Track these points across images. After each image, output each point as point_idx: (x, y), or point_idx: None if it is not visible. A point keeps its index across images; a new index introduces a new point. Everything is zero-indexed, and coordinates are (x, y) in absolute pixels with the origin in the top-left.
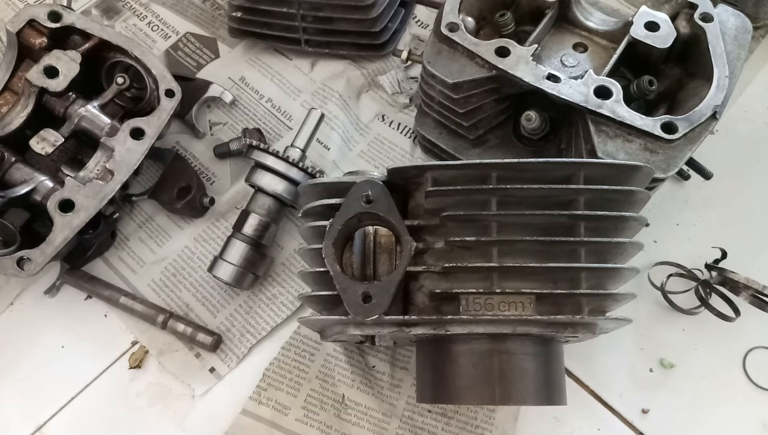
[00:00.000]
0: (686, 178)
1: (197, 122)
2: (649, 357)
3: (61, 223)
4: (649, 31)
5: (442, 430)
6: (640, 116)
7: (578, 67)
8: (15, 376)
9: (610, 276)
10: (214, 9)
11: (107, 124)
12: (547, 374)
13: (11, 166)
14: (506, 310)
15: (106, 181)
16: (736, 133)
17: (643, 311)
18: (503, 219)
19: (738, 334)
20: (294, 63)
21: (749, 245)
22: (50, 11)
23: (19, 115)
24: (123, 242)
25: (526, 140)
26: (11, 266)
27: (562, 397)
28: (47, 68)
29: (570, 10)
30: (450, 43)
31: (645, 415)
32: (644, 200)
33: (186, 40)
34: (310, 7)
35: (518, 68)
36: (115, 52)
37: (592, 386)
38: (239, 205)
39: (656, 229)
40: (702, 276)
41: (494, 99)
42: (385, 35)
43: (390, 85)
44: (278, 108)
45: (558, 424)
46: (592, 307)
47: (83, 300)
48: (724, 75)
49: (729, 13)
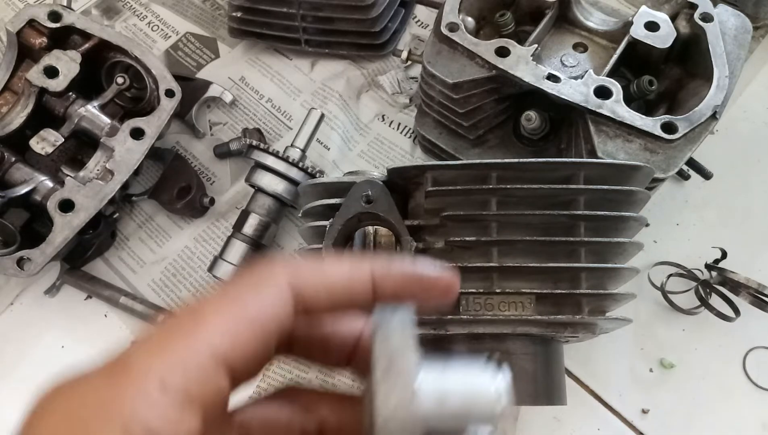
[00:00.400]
0: (686, 178)
1: (197, 122)
2: (649, 357)
3: (61, 223)
4: (649, 31)
5: None
6: (640, 116)
7: (578, 67)
8: (15, 376)
9: (610, 276)
10: (214, 9)
11: (107, 124)
12: (547, 374)
13: (11, 166)
14: (506, 310)
15: (106, 181)
16: (736, 133)
17: (643, 311)
18: (503, 219)
19: (738, 334)
20: (294, 63)
21: (749, 245)
22: (50, 11)
23: (19, 115)
24: (123, 242)
25: (526, 140)
26: (11, 266)
27: (562, 397)
28: (47, 68)
29: (570, 10)
30: (450, 43)
31: (645, 415)
32: (644, 200)
33: (186, 40)
34: (310, 7)
35: (518, 68)
36: (115, 52)
37: (592, 386)
38: (239, 205)
39: (656, 229)
40: (702, 276)
41: (494, 99)
42: (385, 35)
43: (390, 85)
44: (278, 108)
45: (558, 424)
46: (592, 307)
47: (83, 300)
48: (724, 75)
49: (729, 13)
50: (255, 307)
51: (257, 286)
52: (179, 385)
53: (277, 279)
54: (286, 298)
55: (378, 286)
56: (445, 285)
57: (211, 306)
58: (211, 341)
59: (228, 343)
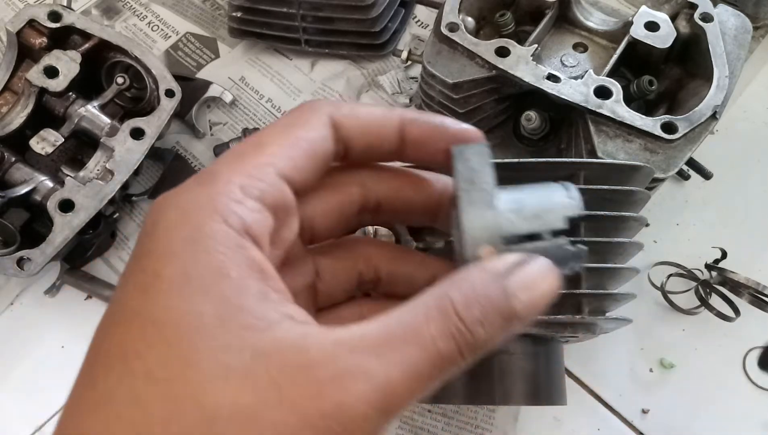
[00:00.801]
0: (686, 178)
1: (197, 122)
2: (649, 357)
3: (61, 223)
4: (649, 31)
5: (442, 430)
6: (640, 116)
7: (578, 67)
8: (15, 376)
9: (610, 276)
10: (214, 9)
11: (107, 124)
12: (547, 374)
13: (11, 166)
14: None
15: (106, 181)
16: (736, 133)
17: (643, 311)
18: None
19: (738, 334)
20: (294, 63)
21: (749, 245)
22: (50, 11)
23: (19, 115)
24: (123, 242)
25: (526, 140)
26: (11, 266)
27: (562, 397)
28: (47, 68)
29: (570, 10)
30: (450, 43)
31: (645, 415)
32: (644, 200)
33: (186, 40)
34: (310, 7)
35: (518, 68)
36: (115, 52)
37: (592, 386)
38: None
39: (656, 229)
40: (702, 276)
41: (494, 99)
42: (385, 35)
43: (390, 85)
44: (278, 108)
45: (558, 424)
46: (592, 307)
47: (83, 300)
48: (724, 75)
49: (729, 13)
50: (303, 134)
51: (303, 117)
52: (256, 191)
53: (320, 112)
54: (327, 126)
55: (406, 131)
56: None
57: (269, 137)
58: (273, 162)
59: (287, 162)
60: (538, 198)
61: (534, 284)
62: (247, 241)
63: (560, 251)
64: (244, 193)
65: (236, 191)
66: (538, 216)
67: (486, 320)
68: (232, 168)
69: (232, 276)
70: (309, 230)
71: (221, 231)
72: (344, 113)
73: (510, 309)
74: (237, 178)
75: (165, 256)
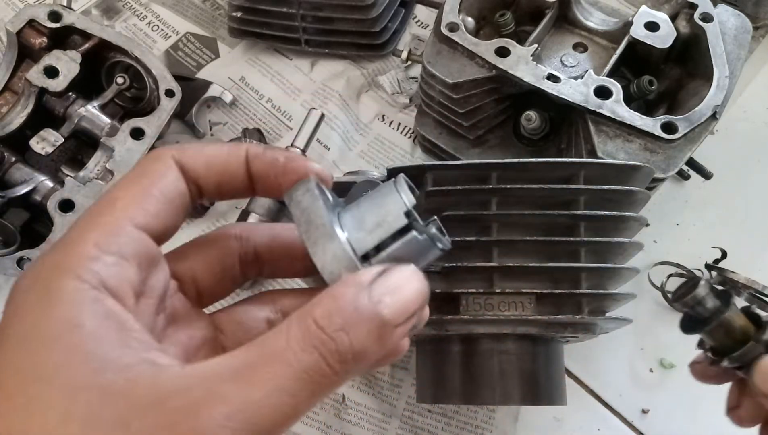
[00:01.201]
0: (686, 178)
1: (197, 122)
2: (649, 357)
3: (61, 223)
4: (649, 31)
5: (442, 430)
6: (640, 116)
7: (578, 67)
8: None
9: (610, 276)
10: (214, 9)
11: (107, 124)
12: (547, 374)
13: (11, 166)
14: (506, 310)
15: (106, 181)
16: (736, 133)
17: (643, 311)
18: (503, 219)
19: None
20: (294, 63)
21: (749, 245)
22: (50, 11)
23: (19, 115)
24: None
25: (526, 140)
26: (11, 266)
27: (562, 397)
28: (47, 68)
29: (570, 10)
30: (450, 43)
31: (645, 415)
32: (644, 200)
33: (186, 40)
34: (310, 7)
35: (518, 68)
36: (115, 52)
37: (592, 386)
38: (239, 205)
39: (656, 229)
40: (702, 276)
41: (494, 99)
42: (385, 35)
43: (390, 85)
44: (278, 108)
45: (558, 424)
46: (592, 307)
47: None
48: (724, 75)
49: (729, 13)
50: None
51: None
52: (113, 246)
53: (165, 157)
54: (174, 169)
55: (251, 166)
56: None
57: (120, 191)
58: (127, 215)
59: (141, 213)
60: (374, 207)
61: (398, 288)
62: (103, 294)
63: (415, 244)
64: (100, 250)
65: (90, 248)
66: (379, 224)
67: (351, 328)
68: (87, 227)
69: (86, 325)
70: (193, 286)
71: (73, 286)
72: (189, 154)
73: (378, 315)
74: (92, 235)
75: (15, 316)
